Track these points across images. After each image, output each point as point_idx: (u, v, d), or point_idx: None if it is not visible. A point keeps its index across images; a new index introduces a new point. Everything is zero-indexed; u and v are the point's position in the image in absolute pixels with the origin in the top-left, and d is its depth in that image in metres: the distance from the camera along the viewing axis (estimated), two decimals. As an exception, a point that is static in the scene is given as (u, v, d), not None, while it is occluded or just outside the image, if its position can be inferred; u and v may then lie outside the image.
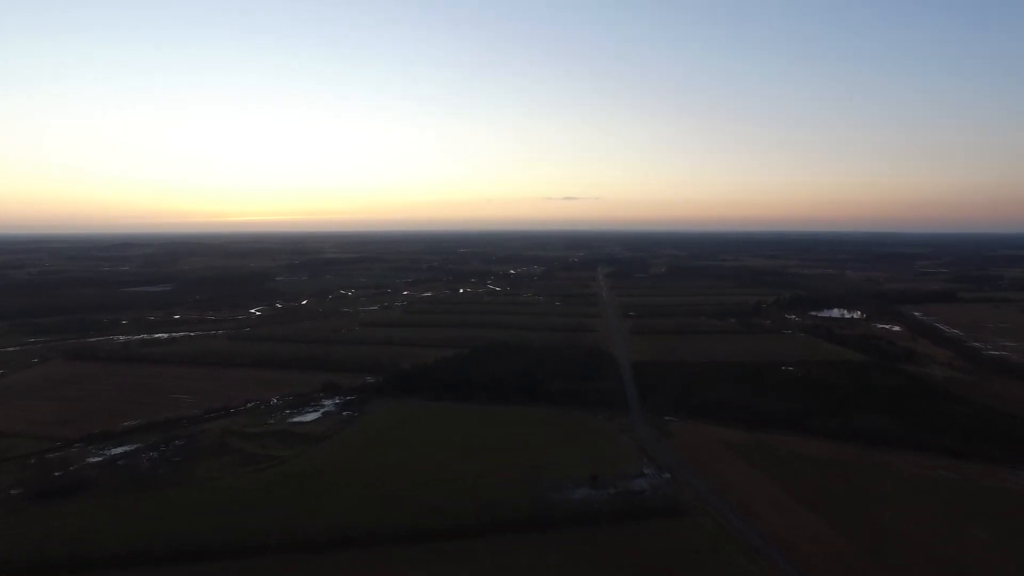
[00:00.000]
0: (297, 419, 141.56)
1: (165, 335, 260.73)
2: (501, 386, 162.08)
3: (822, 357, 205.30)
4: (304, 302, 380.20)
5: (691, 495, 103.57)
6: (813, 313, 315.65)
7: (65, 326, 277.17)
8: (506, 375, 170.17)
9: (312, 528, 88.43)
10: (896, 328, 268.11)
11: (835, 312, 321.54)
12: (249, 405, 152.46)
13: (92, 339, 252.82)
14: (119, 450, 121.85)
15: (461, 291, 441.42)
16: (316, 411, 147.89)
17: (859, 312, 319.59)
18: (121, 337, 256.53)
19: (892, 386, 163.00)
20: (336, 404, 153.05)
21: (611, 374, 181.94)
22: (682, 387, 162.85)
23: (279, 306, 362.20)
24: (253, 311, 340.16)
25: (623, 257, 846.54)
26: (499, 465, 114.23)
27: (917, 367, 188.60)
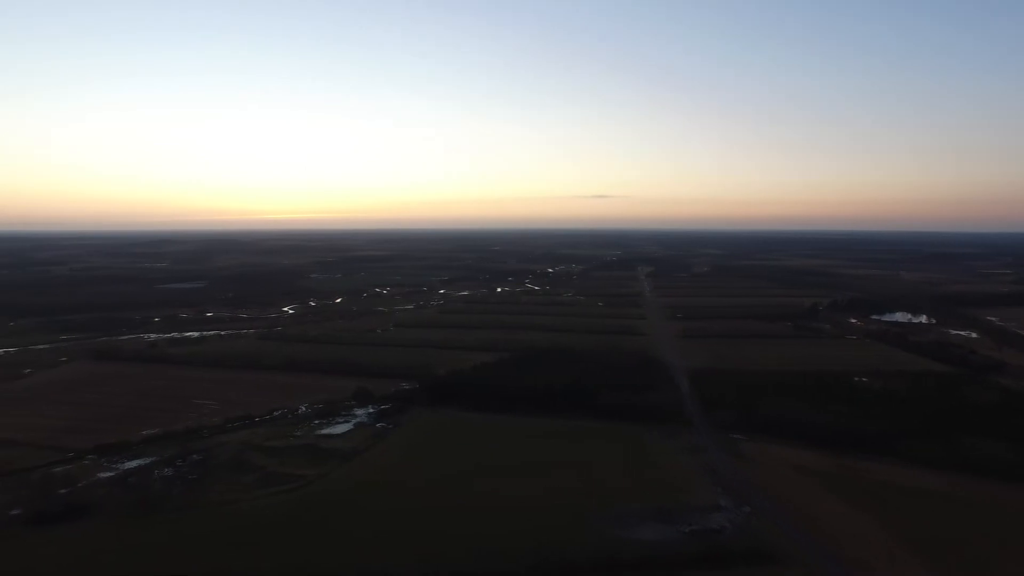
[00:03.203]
0: (326, 431, 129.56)
1: (196, 334, 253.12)
2: (546, 396, 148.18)
3: (898, 367, 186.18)
4: (338, 300, 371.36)
5: (777, 535, 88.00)
6: (875, 317, 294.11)
7: (97, 323, 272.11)
8: (551, 383, 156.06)
9: (333, 572, 75.63)
10: (974, 335, 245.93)
11: (899, 316, 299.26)
12: (275, 414, 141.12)
13: (122, 337, 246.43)
14: (132, 464, 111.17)
15: (498, 290, 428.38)
16: (347, 422, 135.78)
17: (925, 316, 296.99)
18: (151, 335, 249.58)
19: (991, 403, 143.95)
20: (368, 414, 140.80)
21: (666, 383, 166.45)
22: (747, 399, 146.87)
23: (312, 304, 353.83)
24: (286, 309, 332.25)
25: (660, 256, 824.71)
26: (551, 491, 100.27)
27: (1013, 380, 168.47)
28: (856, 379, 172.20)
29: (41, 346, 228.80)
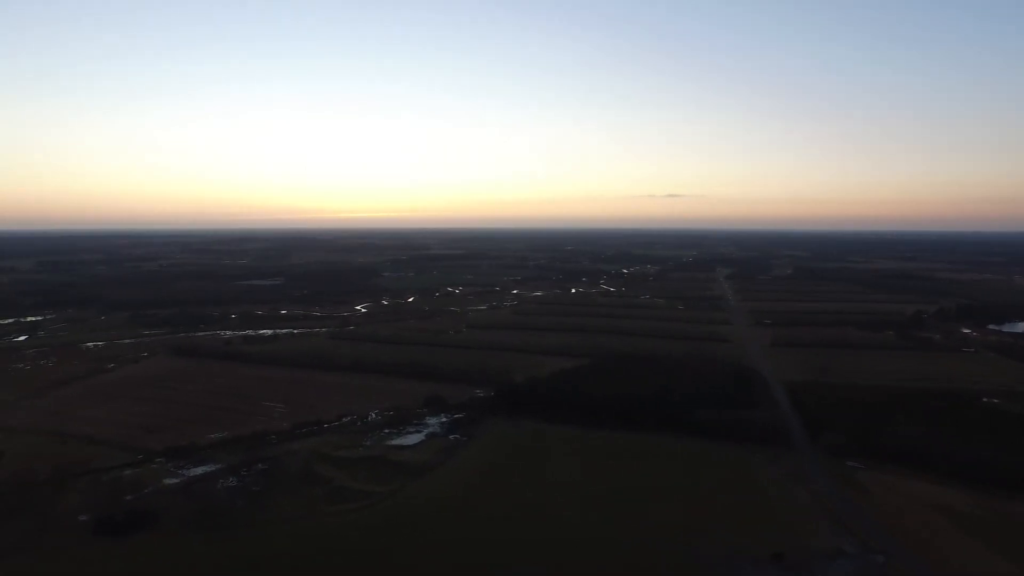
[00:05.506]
0: (397, 441, 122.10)
1: (269, 331, 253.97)
2: (632, 408, 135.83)
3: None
4: (410, 299, 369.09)
5: (925, 595, 73.45)
6: (993, 327, 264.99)
7: (178, 319, 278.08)
8: (636, 394, 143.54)
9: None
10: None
11: (1022, 326, 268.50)
12: (344, 420, 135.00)
13: (200, 334, 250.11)
14: (198, 471, 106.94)
15: (572, 291, 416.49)
16: (419, 432, 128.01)
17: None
18: (227, 333, 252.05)
19: None
20: (442, 424, 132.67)
21: (763, 398, 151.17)
22: (860, 420, 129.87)
23: (385, 303, 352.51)
24: (358, 307, 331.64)
25: (739, 257, 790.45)
26: (647, 523, 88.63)
27: None
28: (986, 400, 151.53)
29: (127, 340, 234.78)
